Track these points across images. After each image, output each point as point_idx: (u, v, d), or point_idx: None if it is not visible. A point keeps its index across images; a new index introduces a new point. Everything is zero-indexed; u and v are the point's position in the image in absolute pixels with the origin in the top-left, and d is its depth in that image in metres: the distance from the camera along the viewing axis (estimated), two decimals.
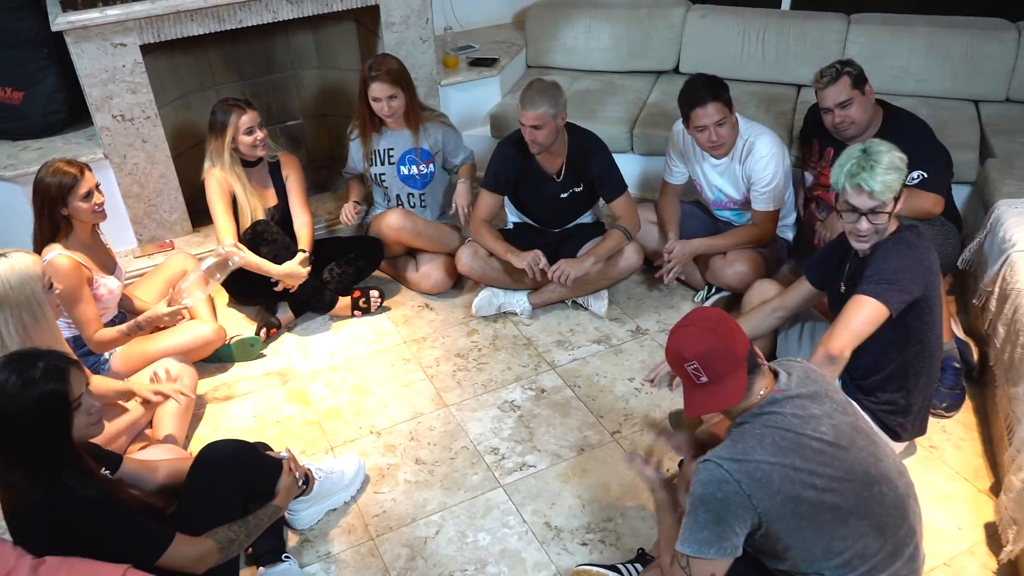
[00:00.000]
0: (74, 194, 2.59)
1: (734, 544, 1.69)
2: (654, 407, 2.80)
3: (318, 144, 4.22)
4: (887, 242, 2.20)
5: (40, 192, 2.60)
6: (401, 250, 3.45)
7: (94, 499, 1.77)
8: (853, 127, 2.85)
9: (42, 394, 1.69)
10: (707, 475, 1.70)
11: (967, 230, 3.19)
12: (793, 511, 1.67)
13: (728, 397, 1.75)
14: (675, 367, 1.79)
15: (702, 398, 1.76)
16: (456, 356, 3.08)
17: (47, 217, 2.62)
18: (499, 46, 4.26)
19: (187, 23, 3.17)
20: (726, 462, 1.68)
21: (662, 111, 3.83)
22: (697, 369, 1.74)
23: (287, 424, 2.81)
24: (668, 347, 1.80)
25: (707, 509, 1.69)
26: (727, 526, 1.68)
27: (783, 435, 1.69)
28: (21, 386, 1.67)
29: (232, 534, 1.97)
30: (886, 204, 2.13)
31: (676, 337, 1.79)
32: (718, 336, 1.73)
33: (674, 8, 4.11)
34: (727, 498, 1.67)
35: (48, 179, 2.59)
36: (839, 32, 3.84)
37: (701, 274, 3.27)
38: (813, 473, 1.67)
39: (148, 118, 3.28)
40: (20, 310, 2.08)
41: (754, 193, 3.05)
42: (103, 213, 2.71)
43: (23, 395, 1.67)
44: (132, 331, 2.68)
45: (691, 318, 1.81)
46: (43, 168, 2.62)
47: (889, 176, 2.09)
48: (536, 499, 2.48)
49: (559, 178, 3.13)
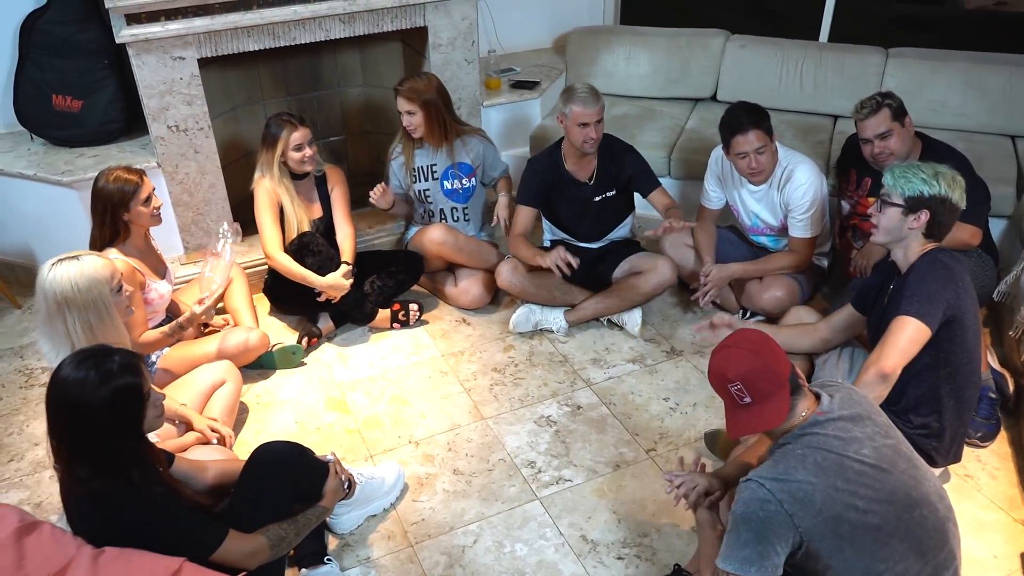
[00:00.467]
0: (136, 199, 2.70)
1: (775, 563, 1.71)
2: (689, 427, 2.83)
3: (359, 160, 4.31)
4: (922, 261, 2.25)
5: (103, 198, 2.70)
6: (441, 265, 3.52)
7: (160, 494, 1.84)
8: (892, 158, 2.90)
9: (120, 387, 1.77)
10: (749, 494, 1.73)
11: (1003, 263, 3.21)
12: (834, 531, 1.70)
13: (771, 418, 1.78)
14: (718, 388, 1.83)
15: (745, 418, 1.80)
16: (493, 371, 3.13)
17: (109, 222, 2.71)
18: (540, 69, 4.35)
19: (243, 39, 3.27)
20: (768, 481, 1.71)
21: (700, 137, 3.89)
22: (740, 390, 1.77)
23: (327, 431, 2.87)
24: (711, 368, 1.84)
25: (749, 528, 1.71)
26: (769, 545, 1.70)
27: (825, 456, 1.72)
28: (100, 380, 1.75)
29: (283, 532, 2.03)
30: (892, 197, 2.25)
31: (719, 358, 1.82)
32: (761, 357, 1.77)
33: (714, 38, 4.18)
34: (769, 517, 1.70)
35: (110, 185, 2.69)
36: (877, 65, 3.90)
37: (736, 298, 3.32)
38: (855, 494, 1.70)
39: (201, 129, 3.38)
40: (87, 311, 2.17)
41: (792, 220, 3.10)
42: (159, 217, 2.82)
43: (102, 388, 1.75)
44: (174, 331, 2.78)
45: (734, 339, 1.84)
46: (101, 175, 2.73)
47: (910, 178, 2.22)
48: (572, 512, 2.51)
49: (591, 182, 3.21)
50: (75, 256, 2.21)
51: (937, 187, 2.19)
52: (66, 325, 2.16)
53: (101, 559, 1.84)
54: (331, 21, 3.39)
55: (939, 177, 2.20)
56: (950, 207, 2.22)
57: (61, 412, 1.79)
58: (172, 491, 1.92)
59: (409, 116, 3.29)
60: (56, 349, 2.19)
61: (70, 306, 2.15)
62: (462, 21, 3.63)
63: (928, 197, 2.20)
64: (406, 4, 3.46)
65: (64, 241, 3.37)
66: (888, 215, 2.26)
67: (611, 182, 3.25)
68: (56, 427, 1.83)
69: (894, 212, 2.25)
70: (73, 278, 2.15)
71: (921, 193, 2.20)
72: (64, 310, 2.15)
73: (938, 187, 2.19)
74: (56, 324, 2.17)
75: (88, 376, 1.75)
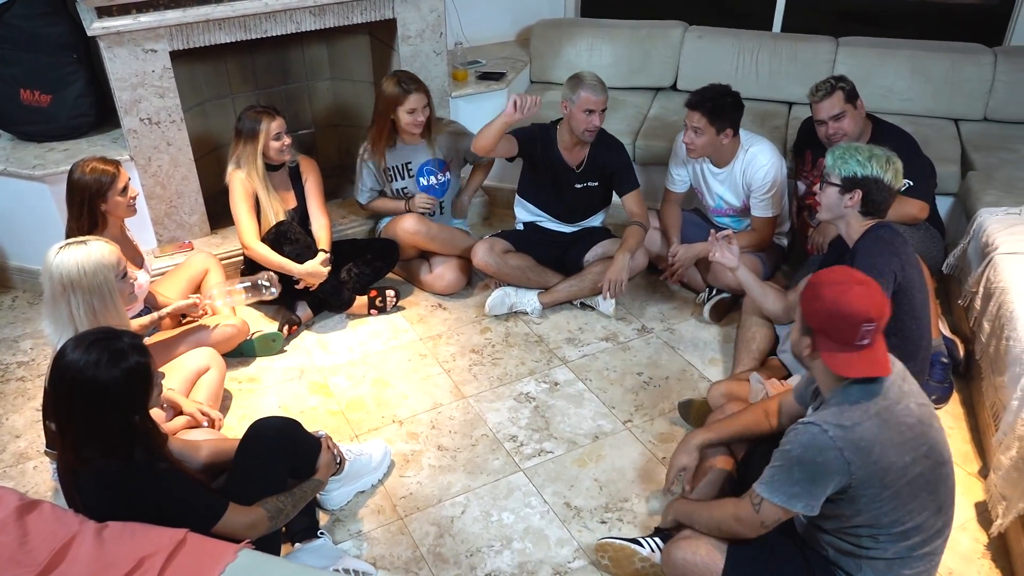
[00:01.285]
0: (113, 189, 2.73)
1: (818, 504, 1.78)
2: (663, 399, 2.95)
3: (328, 153, 4.35)
4: (865, 239, 2.39)
5: (80, 188, 2.72)
6: (415, 253, 3.59)
7: (165, 469, 1.89)
8: (845, 139, 3.06)
9: (131, 366, 1.82)
10: (809, 438, 1.75)
11: (949, 238, 3.40)
12: (881, 481, 1.74)
13: (884, 363, 1.77)
14: (844, 325, 1.75)
15: (869, 359, 1.76)
16: (471, 352, 3.22)
17: (87, 213, 2.73)
18: (505, 62, 4.45)
19: (216, 31, 3.30)
20: (832, 428, 1.73)
21: (662, 124, 4.03)
22: (872, 330, 1.75)
23: (311, 414, 2.92)
24: (851, 302, 1.75)
25: (803, 469, 1.75)
26: (819, 487, 1.75)
27: (887, 408, 1.76)
28: (111, 360, 1.79)
29: (280, 504, 2.09)
30: (830, 176, 2.40)
31: (859, 294, 1.75)
32: (887, 300, 1.81)
33: (672, 29, 4.32)
34: (827, 463, 1.73)
35: (87, 176, 2.71)
36: (828, 54, 4.08)
37: (702, 277, 3.45)
38: (904, 447, 1.75)
39: (174, 122, 3.41)
40: (91, 295, 2.20)
41: (754, 200, 3.24)
42: (135, 208, 2.85)
43: (114, 368, 1.79)
44: (154, 321, 2.84)
45: (856, 276, 1.80)
46: (77, 166, 2.75)
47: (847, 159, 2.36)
48: (555, 482, 2.61)
49: (579, 170, 3.31)
50: (83, 241, 2.24)
51: (870, 168, 2.34)
52: (70, 308, 2.19)
53: (105, 533, 1.88)
54: (301, 13, 3.44)
55: (873, 159, 2.35)
56: (883, 187, 2.35)
57: (72, 394, 1.83)
58: (175, 466, 1.96)
59: (425, 110, 3.33)
60: (59, 332, 2.21)
61: (75, 289, 2.18)
62: (430, 13, 3.71)
63: (861, 178, 2.35)
64: None
65: (34, 236, 3.39)
66: (827, 193, 2.43)
67: (596, 174, 3.36)
68: (65, 409, 1.87)
69: (832, 191, 2.41)
70: (80, 262, 2.18)
71: (855, 174, 2.35)
72: (69, 293, 2.18)
73: (871, 168, 2.34)
74: (60, 307, 2.20)
75: (101, 357, 1.79)
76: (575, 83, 3.17)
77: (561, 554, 2.37)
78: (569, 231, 3.51)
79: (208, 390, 2.77)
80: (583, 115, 3.16)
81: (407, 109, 3.29)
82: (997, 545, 2.35)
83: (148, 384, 1.87)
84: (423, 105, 3.30)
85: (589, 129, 3.19)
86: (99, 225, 2.77)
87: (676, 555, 2.03)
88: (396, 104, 3.29)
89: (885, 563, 1.83)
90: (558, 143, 3.33)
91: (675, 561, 2.03)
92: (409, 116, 3.30)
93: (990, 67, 3.89)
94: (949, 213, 3.59)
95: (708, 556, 1.98)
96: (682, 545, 2.04)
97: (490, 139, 3.09)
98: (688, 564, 2.00)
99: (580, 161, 3.33)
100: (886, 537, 1.80)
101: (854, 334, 1.75)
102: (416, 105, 3.29)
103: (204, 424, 2.61)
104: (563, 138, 3.32)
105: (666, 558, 2.08)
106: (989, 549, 2.34)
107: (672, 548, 2.06)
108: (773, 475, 1.83)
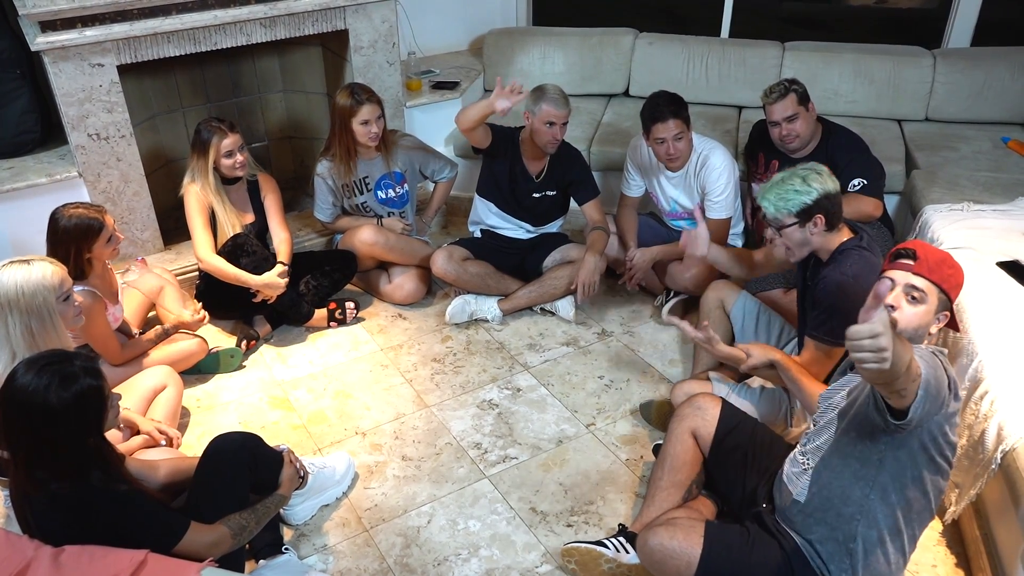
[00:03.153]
0: (100, 240, 2.71)
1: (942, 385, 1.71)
2: (625, 401, 2.98)
3: (283, 166, 4.32)
4: (850, 264, 2.31)
5: (63, 239, 2.66)
6: (373, 264, 3.58)
7: (124, 491, 1.85)
8: (797, 140, 3.13)
9: (82, 389, 1.78)
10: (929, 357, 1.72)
11: (897, 235, 3.50)
12: (923, 442, 1.81)
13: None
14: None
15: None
16: (433, 361, 3.21)
17: (72, 261, 2.66)
18: (458, 71, 4.46)
19: (164, 45, 3.26)
20: (940, 356, 1.81)
21: (616, 130, 4.07)
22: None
23: (273, 429, 2.89)
24: (956, 273, 1.92)
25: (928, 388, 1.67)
26: (941, 384, 1.71)
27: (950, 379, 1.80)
28: (61, 383, 1.76)
29: (244, 521, 2.07)
30: (782, 220, 2.31)
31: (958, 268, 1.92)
32: None
33: (623, 36, 4.38)
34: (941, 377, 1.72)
35: (69, 224, 2.66)
36: (775, 58, 4.17)
37: (659, 279, 3.49)
38: (951, 419, 1.82)
39: (123, 137, 3.35)
40: (29, 316, 2.15)
41: (708, 202, 3.29)
42: (118, 251, 2.84)
43: (64, 391, 1.76)
44: (160, 337, 2.90)
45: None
46: (60, 214, 2.68)
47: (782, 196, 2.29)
48: (521, 487, 2.62)
49: (538, 179, 3.34)
50: (27, 260, 2.19)
51: (813, 190, 2.26)
52: (7, 328, 2.14)
53: (62, 557, 1.84)
54: (252, 25, 3.41)
55: (808, 180, 2.27)
56: (834, 196, 2.29)
57: (22, 418, 1.79)
58: (134, 486, 1.93)
59: (379, 121, 3.30)
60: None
61: (12, 310, 2.13)
62: (382, 24, 3.71)
63: (813, 203, 2.26)
64: (326, 7, 3.51)
65: None
66: (789, 235, 2.33)
67: (555, 183, 3.40)
68: (15, 433, 1.82)
69: (792, 230, 2.32)
70: (19, 282, 2.13)
71: (805, 203, 2.26)
72: (6, 313, 2.13)
73: (814, 190, 2.26)
74: None
75: (52, 381, 1.76)
76: (538, 95, 3.19)
77: (528, 559, 2.37)
78: (527, 237, 3.53)
79: (165, 408, 2.72)
80: (544, 127, 3.18)
81: (360, 120, 3.27)
82: (951, 532, 2.42)
83: (101, 407, 1.84)
84: (376, 116, 3.29)
85: (551, 141, 3.22)
86: (85, 272, 2.72)
87: (652, 541, 2.04)
88: (350, 116, 3.27)
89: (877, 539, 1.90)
90: (521, 150, 3.35)
91: (651, 547, 2.03)
92: (363, 127, 3.28)
93: (930, 69, 4.01)
94: (895, 211, 3.69)
95: (686, 540, 2.00)
96: (658, 531, 2.05)
97: (472, 120, 3.11)
98: (665, 549, 2.00)
99: (540, 171, 3.36)
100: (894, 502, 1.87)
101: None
102: (369, 116, 3.27)
103: (162, 443, 2.56)
104: (525, 147, 3.34)
105: (641, 544, 2.09)
106: (944, 536, 2.41)
107: (647, 534, 2.07)
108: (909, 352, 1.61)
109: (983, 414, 2.29)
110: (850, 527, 1.91)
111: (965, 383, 2.43)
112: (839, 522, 1.92)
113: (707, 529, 2.03)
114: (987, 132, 3.97)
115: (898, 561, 1.93)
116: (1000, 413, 2.23)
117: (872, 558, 1.91)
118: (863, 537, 1.90)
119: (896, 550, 1.92)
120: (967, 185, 3.45)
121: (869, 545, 1.90)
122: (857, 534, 1.91)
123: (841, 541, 1.92)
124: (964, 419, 2.36)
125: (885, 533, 1.90)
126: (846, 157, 3.12)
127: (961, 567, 2.32)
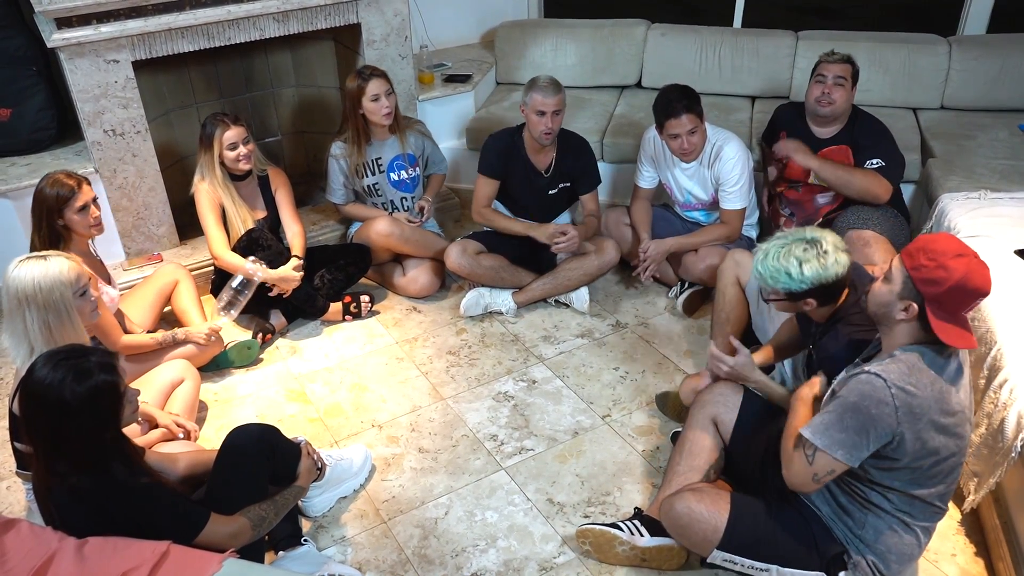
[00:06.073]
0: (70, 206, 2.68)
1: (862, 456, 1.80)
2: (640, 392, 2.98)
3: (295, 161, 4.33)
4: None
5: (38, 202, 2.68)
6: (388, 256, 3.59)
7: (145, 483, 1.87)
8: (831, 107, 3.17)
9: (97, 384, 1.80)
10: (870, 389, 1.76)
11: (914, 224, 3.48)
12: (915, 454, 1.80)
13: (973, 336, 1.77)
14: (964, 297, 1.74)
15: (957, 332, 1.76)
16: (448, 353, 3.22)
17: (46, 226, 2.69)
18: (471, 64, 4.46)
19: (178, 40, 3.27)
20: (895, 388, 1.74)
21: (628, 122, 4.06)
22: (975, 306, 1.77)
23: (290, 422, 2.90)
24: (982, 278, 1.73)
25: (856, 418, 1.77)
26: (867, 438, 1.77)
27: (947, 389, 1.79)
28: (76, 377, 1.78)
29: (263, 512, 2.08)
30: (769, 293, 2.20)
31: (985, 270, 1.73)
32: None
33: (635, 27, 4.36)
34: (880, 417, 1.75)
35: (47, 190, 2.67)
36: (789, 48, 4.14)
37: (674, 271, 3.49)
38: (945, 430, 1.80)
39: (139, 132, 3.37)
40: (47, 311, 2.17)
41: (722, 193, 3.28)
42: (100, 226, 2.80)
43: (79, 386, 1.78)
44: (166, 341, 2.87)
45: (972, 250, 1.75)
46: (44, 179, 2.71)
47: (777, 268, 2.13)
48: (537, 479, 2.62)
49: (547, 174, 3.34)
50: (43, 256, 2.21)
51: (806, 281, 2.08)
52: (25, 323, 2.16)
53: (86, 548, 1.86)
54: (265, 20, 3.42)
55: (804, 265, 2.07)
56: (830, 286, 2.10)
57: (40, 412, 1.82)
58: (155, 479, 1.95)
59: (386, 98, 3.30)
60: (17, 347, 2.18)
61: (30, 305, 2.15)
62: (394, 17, 3.71)
63: (802, 292, 2.12)
64: (339, 1, 3.51)
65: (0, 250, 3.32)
66: (778, 304, 2.24)
67: (567, 175, 3.40)
68: (35, 427, 1.85)
69: (779, 301, 2.21)
70: (36, 277, 2.15)
71: (790, 290, 2.12)
72: (24, 308, 2.15)
73: (807, 280, 2.08)
74: (16, 322, 2.17)
75: (67, 376, 1.78)
76: (528, 86, 3.21)
77: (546, 550, 2.38)
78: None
79: (183, 402, 2.74)
80: (536, 117, 3.18)
81: (370, 96, 3.28)
82: (970, 521, 2.40)
83: (116, 402, 1.85)
84: (385, 91, 3.29)
85: (545, 132, 3.19)
86: (62, 239, 2.73)
87: (679, 505, 2.07)
88: (359, 95, 3.27)
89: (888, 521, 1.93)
90: (525, 147, 3.35)
91: (678, 511, 2.07)
92: (374, 104, 3.29)
93: (945, 56, 3.98)
94: (911, 200, 3.66)
95: (713, 506, 2.03)
96: (686, 496, 2.08)
97: (497, 224, 3.39)
98: (693, 513, 2.04)
99: (548, 165, 3.36)
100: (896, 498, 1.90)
101: (967, 306, 1.75)
102: (378, 90, 3.27)
103: (180, 436, 2.58)
104: (528, 142, 3.34)
105: (667, 509, 2.12)
106: (963, 525, 2.40)
107: (673, 499, 2.10)
108: (824, 420, 1.83)
109: (1002, 402, 2.27)
110: (863, 515, 1.98)
111: (984, 372, 2.41)
112: (852, 505, 1.98)
113: (733, 498, 2.06)
114: (1003, 120, 3.93)
115: (916, 539, 1.97)
116: (1020, 401, 2.21)
117: (886, 535, 1.96)
118: (874, 516, 1.96)
119: (910, 531, 1.96)
120: (984, 173, 3.42)
121: (881, 524, 1.96)
122: (867, 518, 1.97)
123: (856, 518, 1.98)
124: (983, 408, 2.35)
125: (895, 517, 1.95)
126: (870, 140, 3.18)
127: (981, 556, 2.31)
